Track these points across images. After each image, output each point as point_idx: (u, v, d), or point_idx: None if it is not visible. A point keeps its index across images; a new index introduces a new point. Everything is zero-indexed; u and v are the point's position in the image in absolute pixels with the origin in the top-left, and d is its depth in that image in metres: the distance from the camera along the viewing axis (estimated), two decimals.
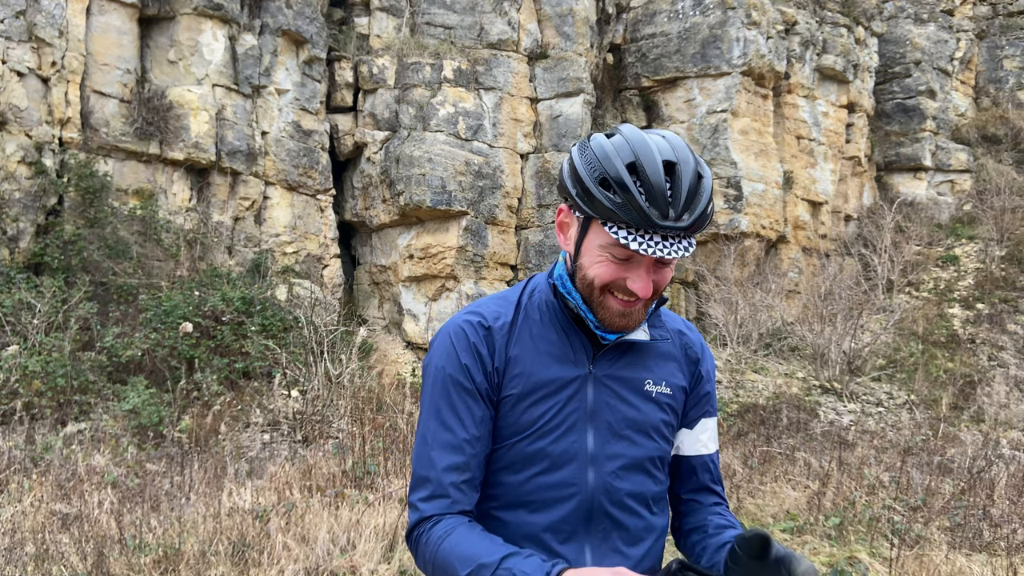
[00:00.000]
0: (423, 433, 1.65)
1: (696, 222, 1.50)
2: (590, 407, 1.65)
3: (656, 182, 1.47)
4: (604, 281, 1.56)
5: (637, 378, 1.69)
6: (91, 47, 10.38)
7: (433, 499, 1.60)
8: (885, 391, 11.89)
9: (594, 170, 1.52)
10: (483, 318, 1.68)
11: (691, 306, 14.20)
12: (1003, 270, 14.91)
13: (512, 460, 1.65)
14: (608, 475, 1.65)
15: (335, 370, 9.47)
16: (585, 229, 1.59)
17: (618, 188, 1.48)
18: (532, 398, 1.63)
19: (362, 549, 4.94)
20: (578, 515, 1.64)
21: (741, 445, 8.17)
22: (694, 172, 1.51)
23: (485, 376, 1.64)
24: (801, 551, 5.50)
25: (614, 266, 1.55)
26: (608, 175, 1.50)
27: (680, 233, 1.49)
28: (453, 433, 1.61)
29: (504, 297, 1.75)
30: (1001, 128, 17.72)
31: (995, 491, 6.62)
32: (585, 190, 1.52)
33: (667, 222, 1.47)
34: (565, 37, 13.26)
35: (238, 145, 11.31)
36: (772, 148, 14.49)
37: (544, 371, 1.64)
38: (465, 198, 12.04)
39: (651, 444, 1.69)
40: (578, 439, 1.64)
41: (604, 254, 1.55)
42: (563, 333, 1.67)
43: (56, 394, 8.17)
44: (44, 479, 6.15)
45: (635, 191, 1.47)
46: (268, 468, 6.83)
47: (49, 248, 9.66)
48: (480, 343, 1.65)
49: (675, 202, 1.48)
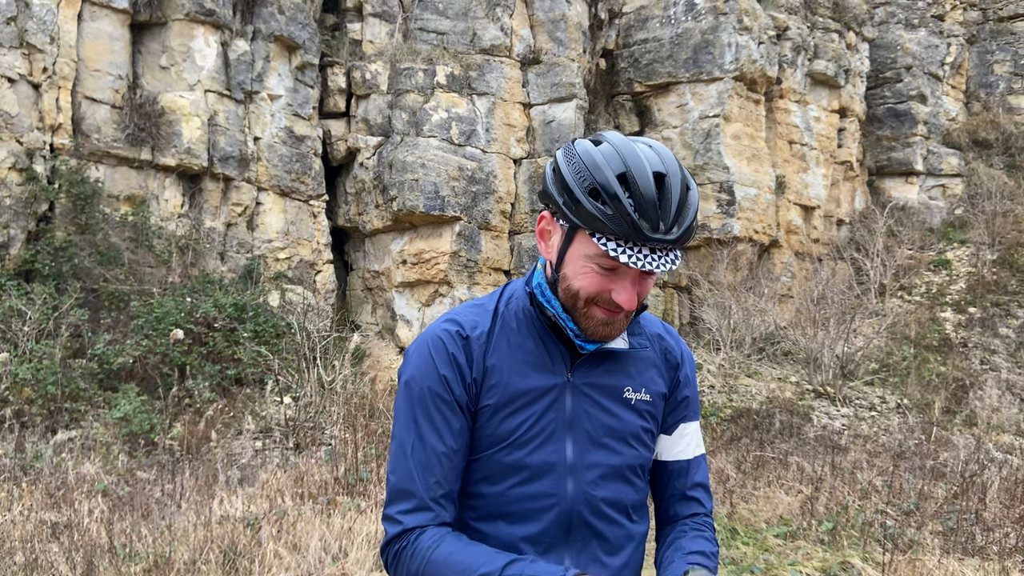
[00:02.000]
0: (401, 444, 1.62)
1: (684, 234, 1.48)
2: (568, 416, 1.63)
3: (647, 194, 1.46)
4: (590, 293, 1.54)
5: (616, 385, 1.67)
6: (82, 53, 10.35)
7: (416, 512, 1.57)
8: (878, 395, 11.92)
9: (583, 179, 1.49)
10: (461, 327, 1.65)
11: (684, 311, 14.22)
12: (995, 274, 14.97)
13: (491, 471, 1.62)
14: (587, 484, 1.63)
15: (328, 376, 9.44)
16: (570, 238, 1.56)
17: (608, 199, 1.46)
18: (510, 408, 1.61)
19: (354, 557, 4.92)
20: (558, 526, 1.62)
21: (734, 450, 8.17)
22: (682, 184, 1.50)
23: (464, 387, 1.61)
24: (794, 556, 5.50)
25: (600, 278, 1.53)
26: (598, 185, 1.47)
27: (668, 245, 1.48)
28: (432, 446, 1.59)
29: (481, 305, 1.72)
30: (992, 132, 17.82)
31: (987, 495, 6.63)
32: (573, 199, 1.49)
33: (657, 235, 1.46)
34: (558, 42, 13.29)
35: (230, 151, 11.29)
36: (764, 153, 14.53)
37: (522, 381, 1.62)
38: (458, 203, 12.04)
39: (631, 452, 1.67)
40: (557, 449, 1.62)
41: (590, 264, 1.53)
42: (540, 342, 1.65)
43: (47, 402, 8.13)
44: (34, 487, 6.11)
45: (625, 202, 1.45)
46: (260, 475, 6.80)
47: (40, 255, 9.62)
48: (459, 353, 1.62)
49: (665, 215, 1.46)
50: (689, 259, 14.32)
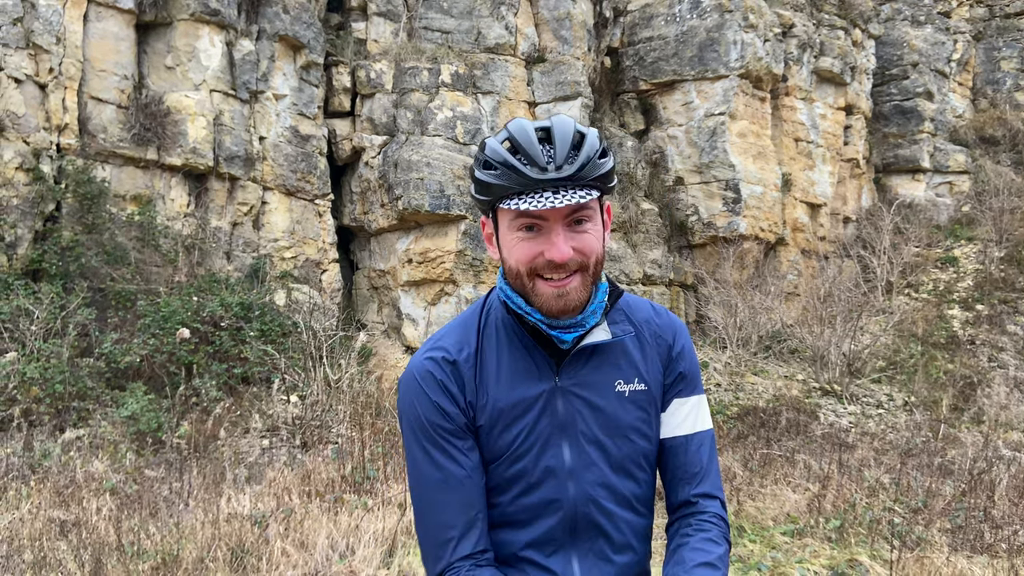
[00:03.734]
0: (422, 478, 1.63)
1: (582, 170, 1.52)
2: (562, 420, 1.63)
3: (529, 145, 1.52)
4: (524, 262, 1.57)
5: (606, 380, 1.66)
6: (88, 53, 10.38)
7: (454, 547, 1.59)
8: (885, 393, 11.88)
9: (479, 161, 1.58)
10: (447, 352, 1.66)
11: (690, 309, 14.19)
12: (1002, 271, 14.91)
13: (496, 483, 1.64)
14: (588, 485, 1.63)
15: (334, 375, 9.45)
16: (496, 222, 1.62)
17: (498, 163, 1.54)
18: (503, 423, 1.62)
19: (361, 554, 4.92)
20: (563, 528, 1.63)
21: (741, 448, 8.16)
22: (572, 131, 1.55)
23: (460, 410, 1.63)
24: (801, 554, 5.49)
25: (527, 243, 1.56)
26: (489, 157, 1.56)
27: (568, 183, 1.52)
28: (451, 472, 1.61)
29: (463, 324, 1.72)
30: (999, 129, 17.74)
31: (996, 493, 6.60)
32: (476, 180, 1.58)
33: (549, 175, 1.50)
34: (563, 41, 13.27)
35: (236, 150, 11.31)
36: (770, 150, 14.50)
37: (511, 393, 1.63)
38: (464, 202, 12.04)
39: (629, 446, 1.66)
40: (555, 454, 1.62)
41: (513, 235, 1.57)
42: (524, 350, 1.65)
43: (54, 400, 8.15)
44: (42, 486, 6.12)
45: (511, 159, 1.52)
46: (267, 473, 6.81)
47: (47, 254, 9.64)
48: (448, 381, 1.63)
49: (555, 157, 1.52)
50: (695, 257, 14.30)
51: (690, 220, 14.20)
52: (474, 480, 1.61)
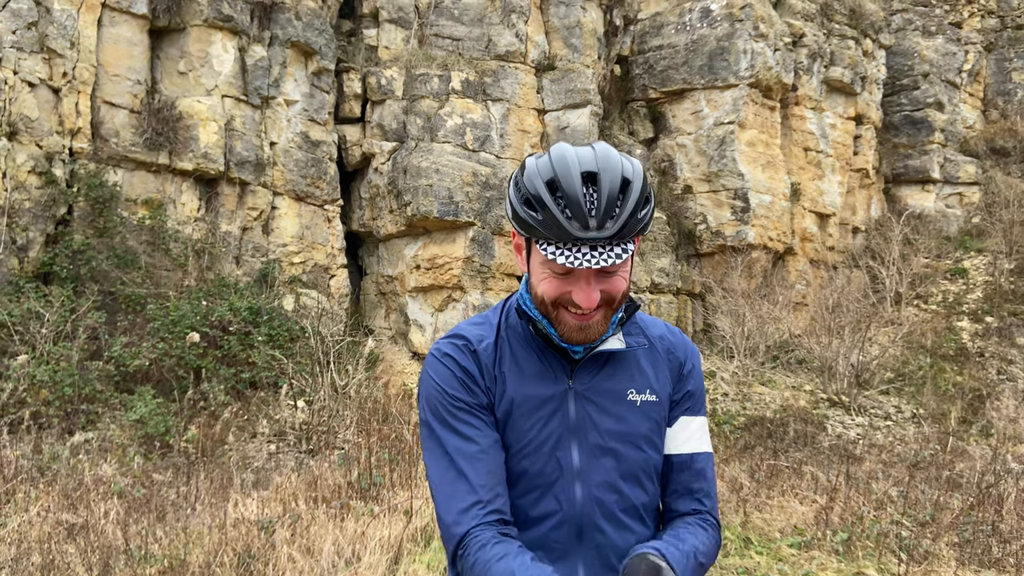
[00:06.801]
0: (446, 449, 1.62)
1: (623, 229, 1.49)
2: (573, 422, 1.65)
3: (572, 195, 1.49)
4: (551, 297, 1.58)
5: (620, 388, 1.68)
6: (102, 58, 10.46)
7: (479, 510, 1.58)
8: (893, 404, 11.83)
9: (520, 192, 1.55)
10: (468, 341, 1.70)
11: (698, 318, 14.17)
12: (1012, 283, 14.84)
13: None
14: (596, 488, 1.64)
15: (341, 380, 9.47)
16: (529, 249, 1.63)
17: (539, 206, 1.51)
18: (517, 416, 1.64)
19: (367, 561, 4.93)
20: (569, 532, 1.64)
21: (748, 458, 8.14)
22: (618, 179, 1.51)
23: (482, 391, 1.66)
24: (808, 566, 5.47)
25: (556, 282, 1.57)
26: (530, 195, 1.53)
27: (608, 242, 1.49)
28: (476, 442, 1.62)
29: (485, 320, 1.77)
30: (1010, 140, 17.68)
31: (1004, 507, 6.57)
32: (515, 213, 1.56)
33: (590, 233, 1.48)
34: (572, 49, 13.30)
35: (247, 155, 11.37)
36: (779, 160, 14.48)
37: (525, 390, 1.65)
38: (472, 209, 12.07)
39: (639, 455, 1.68)
40: (563, 456, 1.64)
41: (545, 271, 1.58)
42: (539, 352, 1.68)
43: (63, 403, 8.19)
44: (51, 489, 6.15)
45: (554, 207, 1.49)
46: (274, 479, 6.83)
47: (58, 258, 9.71)
48: (469, 364, 1.66)
49: (596, 212, 1.49)
50: (703, 266, 14.28)
51: (698, 229, 14.19)
52: (498, 451, 1.62)
